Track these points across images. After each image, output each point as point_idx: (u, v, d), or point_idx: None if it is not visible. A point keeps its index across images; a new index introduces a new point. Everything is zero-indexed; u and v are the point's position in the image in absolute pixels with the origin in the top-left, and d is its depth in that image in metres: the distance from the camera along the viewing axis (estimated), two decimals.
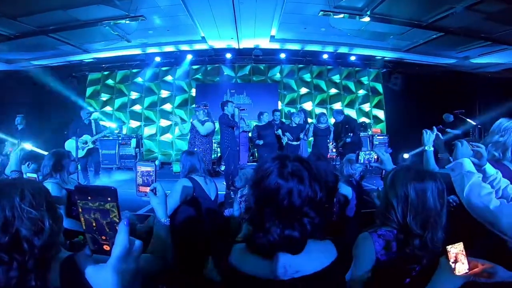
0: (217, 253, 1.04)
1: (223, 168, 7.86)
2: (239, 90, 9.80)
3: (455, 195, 1.63)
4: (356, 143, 6.45)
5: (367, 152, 2.02)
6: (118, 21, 6.14)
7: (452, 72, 8.73)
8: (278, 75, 10.10)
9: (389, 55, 8.59)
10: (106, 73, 9.98)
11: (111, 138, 8.89)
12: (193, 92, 9.98)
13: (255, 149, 6.89)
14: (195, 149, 5.16)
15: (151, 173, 1.36)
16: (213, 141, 8.27)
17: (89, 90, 10.10)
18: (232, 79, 10.06)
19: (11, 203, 0.87)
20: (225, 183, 6.15)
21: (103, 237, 0.62)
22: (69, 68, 9.24)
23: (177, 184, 2.51)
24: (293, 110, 9.10)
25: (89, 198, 0.61)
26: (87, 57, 8.64)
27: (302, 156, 1.02)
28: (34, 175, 2.56)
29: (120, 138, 8.87)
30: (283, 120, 8.43)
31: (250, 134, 7.46)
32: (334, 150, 7.22)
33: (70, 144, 5.93)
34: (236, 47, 8.44)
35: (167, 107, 10.00)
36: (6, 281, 0.81)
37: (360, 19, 5.91)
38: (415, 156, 7.22)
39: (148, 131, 10.01)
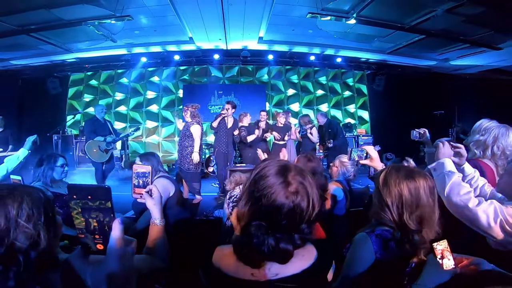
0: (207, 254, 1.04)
1: (211, 169, 7.85)
2: (227, 91, 9.79)
3: None
4: (339, 146, 6.45)
5: (359, 149, 2.04)
6: (104, 21, 5.99)
7: (433, 74, 9.07)
8: (266, 76, 10.16)
9: (373, 57, 8.79)
10: (89, 73, 9.72)
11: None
12: (180, 93, 9.89)
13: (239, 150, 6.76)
14: (187, 150, 5.14)
15: (146, 174, 1.35)
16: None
17: (71, 91, 9.80)
18: (220, 80, 10.03)
19: (7, 216, 0.84)
20: (217, 184, 6.16)
21: (97, 236, 0.62)
22: (50, 68, 8.93)
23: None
24: (279, 111, 9.14)
25: (88, 197, 0.61)
26: (69, 57, 8.37)
27: (302, 168, 1.01)
28: (19, 178, 2.51)
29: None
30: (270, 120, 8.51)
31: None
32: (321, 151, 7.33)
33: (91, 147, 5.45)
34: (224, 48, 8.42)
35: (154, 108, 9.86)
36: None
37: (346, 22, 6.04)
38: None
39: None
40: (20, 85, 8.83)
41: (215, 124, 5.74)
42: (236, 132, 5.91)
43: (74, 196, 0.61)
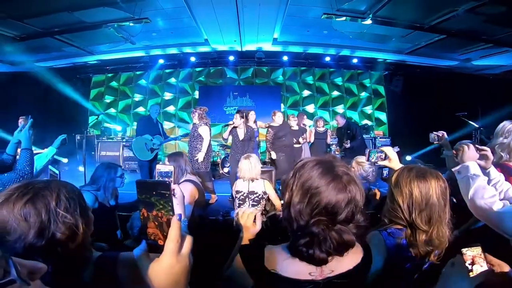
0: (247, 255, 1.04)
1: (226, 170, 7.91)
2: (242, 92, 9.85)
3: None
4: (357, 147, 6.46)
5: (377, 150, 2.03)
6: (123, 23, 6.19)
7: (454, 74, 8.77)
8: (280, 78, 10.16)
9: (391, 57, 8.63)
10: (110, 75, 10.06)
11: (114, 139, 8.96)
12: (196, 94, 10.05)
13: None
14: (196, 151, 5.21)
15: (169, 174, 1.37)
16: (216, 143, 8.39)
17: (93, 92, 10.17)
18: (235, 82, 10.11)
19: (47, 207, 0.87)
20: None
21: (159, 232, 0.63)
22: (73, 70, 9.31)
23: None
24: (294, 112, 9.11)
25: (153, 193, 0.62)
26: (91, 59, 8.72)
27: (341, 161, 1.02)
28: (57, 172, 2.65)
29: (124, 140, 8.91)
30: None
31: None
32: (337, 152, 7.26)
33: (138, 144, 5.50)
34: (239, 49, 8.50)
35: (171, 109, 10.06)
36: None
37: (362, 22, 5.96)
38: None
39: None
40: (45, 86, 9.22)
41: (225, 135, 5.52)
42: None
43: (140, 192, 0.62)
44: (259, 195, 3.26)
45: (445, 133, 2.42)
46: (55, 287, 0.57)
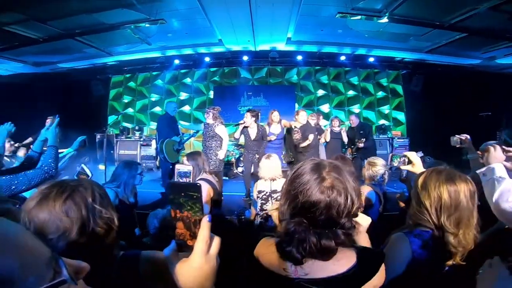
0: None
1: (240, 170, 7.94)
2: (256, 92, 9.86)
3: None
4: (369, 148, 6.50)
5: (400, 155, 2.01)
6: (139, 25, 6.33)
7: (477, 73, 8.42)
8: (295, 77, 10.09)
9: (409, 56, 8.39)
10: (128, 75, 10.32)
11: (132, 139, 9.19)
12: (211, 94, 10.14)
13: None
14: (210, 151, 5.24)
15: (188, 174, 1.38)
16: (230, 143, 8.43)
17: (112, 92, 10.47)
18: (249, 82, 10.13)
19: (86, 203, 0.90)
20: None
21: (188, 232, 0.64)
22: (93, 70, 9.62)
23: None
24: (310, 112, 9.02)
25: (182, 194, 0.64)
26: (110, 60, 8.98)
27: (338, 164, 1.01)
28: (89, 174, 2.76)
29: (141, 139, 9.12)
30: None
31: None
32: (349, 153, 7.15)
33: (168, 147, 5.45)
34: (253, 49, 8.51)
35: (186, 108, 10.20)
36: None
37: (378, 21, 5.83)
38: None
39: None
40: (67, 86, 9.58)
41: (237, 135, 5.51)
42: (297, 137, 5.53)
43: (174, 193, 0.64)
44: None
45: (468, 136, 2.35)
46: (91, 285, 0.58)
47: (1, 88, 9.33)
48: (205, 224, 0.63)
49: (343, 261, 0.96)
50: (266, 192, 3.26)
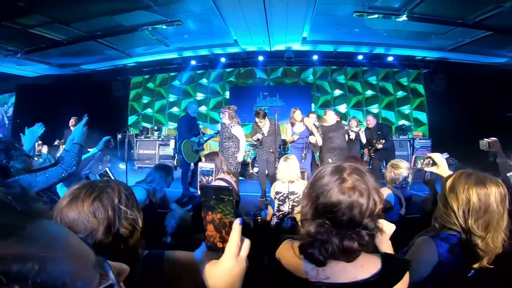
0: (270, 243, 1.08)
1: (256, 170, 7.93)
2: (272, 92, 9.82)
3: None
4: (388, 149, 6.37)
5: (424, 156, 1.96)
6: (157, 26, 6.46)
7: (503, 72, 8.00)
8: (311, 77, 9.96)
9: (431, 55, 8.11)
10: (147, 76, 10.56)
11: (151, 138, 9.41)
12: (227, 94, 10.20)
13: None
14: (228, 151, 5.23)
15: (210, 172, 1.41)
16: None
17: (132, 93, 10.77)
18: (265, 82, 10.11)
19: (112, 204, 0.93)
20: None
21: (218, 234, 0.65)
22: (114, 72, 9.94)
23: None
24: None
25: (213, 197, 0.65)
26: (130, 61, 9.24)
27: (359, 166, 1.01)
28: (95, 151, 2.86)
29: (160, 139, 9.32)
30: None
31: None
32: (366, 154, 6.99)
33: (186, 147, 5.44)
34: (268, 49, 8.49)
35: (202, 109, 10.31)
36: None
37: (397, 19, 5.67)
38: None
39: None
40: (90, 87, 9.94)
41: (255, 138, 5.46)
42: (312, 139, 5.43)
43: (206, 195, 0.65)
44: (299, 195, 3.21)
45: (496, 139, 2.28)
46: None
47: (28, 89, 9.85)
48: (236, 226, 0.63)
49: (367, 267, 0.95)
50: (284, 194, 3.25)
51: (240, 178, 7.52)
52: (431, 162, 1.89)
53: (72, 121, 6.59)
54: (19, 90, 10.20)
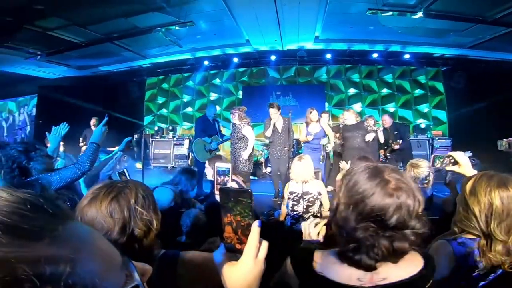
0: (296, 257, 1.06)
1: (268, 170, 7.91)
2: (285, 92, 9.75)
3: None
4: (405, 149, 6.23)
5: (445, 156, 1.87)
6: (170, 27, 6.55)
7: None
8: (324, 76, 9.83)
9: (450, 52, 7.83)
10: (161, 77, 10.74)
11: (166, 138, 9.57)
12: (240, 94, 10.21)
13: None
14: (240, 152, 5.21)
15: (226, 172, 1.41)
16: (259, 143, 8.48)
17: (147, 94, 10.97)
18: (278, 81, 10.05)
19: (128, 204, 0.95)
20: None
21: (237, 236, 0.67)
22: (130, 73, 10.16)
23: None
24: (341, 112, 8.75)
25: (231, 199, 0.66)
26: (144, 62, 9.42)
27: (394, 166, 1.00)
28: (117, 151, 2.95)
29: (174, 138, 9.46)
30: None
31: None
32: (382, 154, 6.82)
33: (198, 146, 5.50)
34: (280, 49, 8.44)
35: (216, 109, 10.36)
36: None
37: (412, 16, 5.49)
38: None
39: None
40: (108, 88, 10.22)
41: (268, 133, 5.35)
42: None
43: (224, 198, 0.67)
44: (314, 195, 3.20)
45: None
46: None
47: (49, 90, 10.22)
48: (255, 229, 0.64)
49: (414, 264, 0.95)
50: (298, 194, 3.22)
51: (252, 178, 7.57)
52: (452, 161, 1.80)
53: (93, 121, 6.80)
54: (41, 92, 10.60)
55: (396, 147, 6.08)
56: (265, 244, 0.66)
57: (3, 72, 9.06)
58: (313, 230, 1.33)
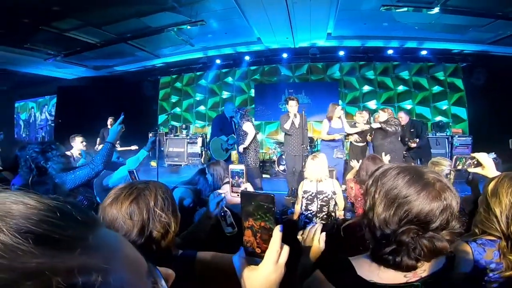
0: (334, 269, 1.03)
1: (282, 168, 7.87)
2: (297, 89, 9.62)
3: None
4: (422, 147, 6.07)
5: (467, 157, 1.82)
6: (182, 27, 6.60)
7: None
8: (337, 73, 9.64)
9: (469, 48, 7.51)
10: (174, 76, 10.85)
11: (180, 137, 9.70)
12: (252, 92, 10.19)
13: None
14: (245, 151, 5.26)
15: (240, 174, 1.42)
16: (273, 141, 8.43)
17: (161, 93, 11.12)
18: (290, 79, 9.94)
19: (148, 207, 0.97)
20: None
21: (258, 240, 0.67)
22: (144, 72, 10.33)
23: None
24: (356, 110, 8.58)
25: (252, 203, 0.67)
26: (158, 62, 9.54)
27: (434, 171, 0.97)
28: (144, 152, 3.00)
29: (188, 137, 9.57)
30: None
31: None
32: None
33: (214, 145, 5.54)
34: (292, 46, 8.34)
35: (234, 106, 10.38)
36: None
37: (428, 12, 5.30)
38: None
39: None
40: (122, 88, 10.43)
41: (287, 126, 5.18)
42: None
43: (246, 202, 0.67)
44: (328, 195, 3.16)
45: None
46: None
47: (68, 90, 10.55)
48: (277, 234, 0.64)
49: (438, 259, 0.95)
50: (312, 193, 3.18)
51: (265, 176, 7.56)
52: (475, 162, 1.75)
53: (110, 120, 6.96)
54: (60, 92, 10.94)
55: (413, 145, 5.91)
56: (286, 249, 0.66)
57: (24, 73, 9.42)
58: (319, 236, 1.30)
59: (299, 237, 1.35)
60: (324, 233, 1.32)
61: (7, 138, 9.13)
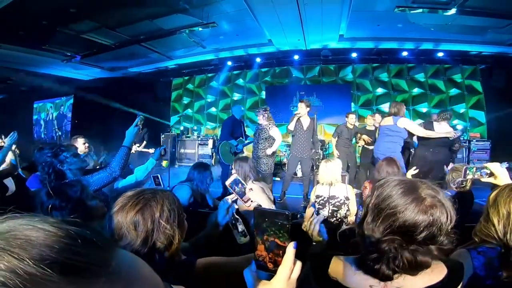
0: (314, 262, 1.07)
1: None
2: (309, 92, 9.54)
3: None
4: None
5: (478, 167, 1.77)
6: (193, 29, 6.63)
7: None
8: (350, 76, 9.50)
9: (488, 50, 7.24)
10: (186, 78, 10.95)
11: (191, 138, 9.77)
12: (263, 94, 10.16)
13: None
14: (263, 153, 5.18)
15: (238, 182, 1.41)
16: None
17: (173, 94, 11.25)
18: (301, 81, 9.86)
19: (153, 218, 0.97)
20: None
21: (270, 256, 0.68)
22: (157, 74, 10.46)
23: None
24: (369, 112, 8.40)
25: (266, 220, 0.67)
26: (170, 64, 9.64)
27: (430, 183, 0.98)
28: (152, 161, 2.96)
29: (199, 138, 9.64)
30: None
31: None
32: None
33: (224, 148, 5.47)
34: (304, 48, 8.25)
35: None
36: None
37: (444, 13, 5.13)
38: None
39: None
40: (136, 89, 10.59)
41: (291, 126, 5.18)
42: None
43: (260, 218, 0.68)
44: (341, 200, 3.10)
45: None
46: None
47: (84, 91, 10.79)
48: (290, 251, 0.65)
49: (435, 273, 0.94)
50: (324, 197, 3.14)
51: (275, 178, 7.50)
52: (488, 172, 1.71)
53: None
54: (76, 93, 11.21)
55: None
56: (298, 265, 0.66)
57: (43, 74, 9.70)
58: (318, 228, 1.30)
59: (303, 227, 1.37)
60: (322, 225, 1.33)
61: (25, 138, 9.40)
